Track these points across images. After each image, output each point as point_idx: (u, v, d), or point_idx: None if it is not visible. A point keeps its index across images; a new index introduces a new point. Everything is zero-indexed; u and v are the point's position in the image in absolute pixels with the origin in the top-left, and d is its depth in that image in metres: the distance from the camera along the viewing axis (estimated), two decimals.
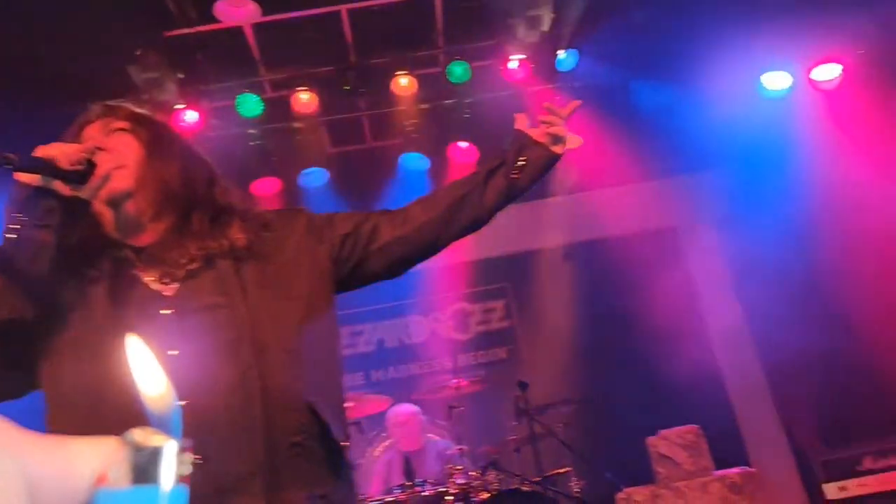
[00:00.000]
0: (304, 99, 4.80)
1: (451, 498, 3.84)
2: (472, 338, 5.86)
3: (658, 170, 5.61)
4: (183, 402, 1.35)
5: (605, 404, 5.16)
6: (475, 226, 1.86)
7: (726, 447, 5.05)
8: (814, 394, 5.36)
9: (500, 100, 5.01)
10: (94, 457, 0.50)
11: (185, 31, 4.37)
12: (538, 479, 4.09)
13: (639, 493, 3.47)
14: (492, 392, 4.73)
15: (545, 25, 4.70)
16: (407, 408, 4.56)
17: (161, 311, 1.41)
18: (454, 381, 4.34)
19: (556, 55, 4.90)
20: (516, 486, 4.03)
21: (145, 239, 1.49)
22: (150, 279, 1.46)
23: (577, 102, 1.96)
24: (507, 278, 5.96)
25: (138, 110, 1.61)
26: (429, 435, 4.63)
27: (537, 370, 5.46)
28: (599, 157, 5.22)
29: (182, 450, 0.50)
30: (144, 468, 0.48)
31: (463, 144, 5.20)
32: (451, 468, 3.93)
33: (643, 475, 3.98)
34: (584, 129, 5.12)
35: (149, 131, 1.56)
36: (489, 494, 3.74)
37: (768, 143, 5.32)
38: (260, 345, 1.40)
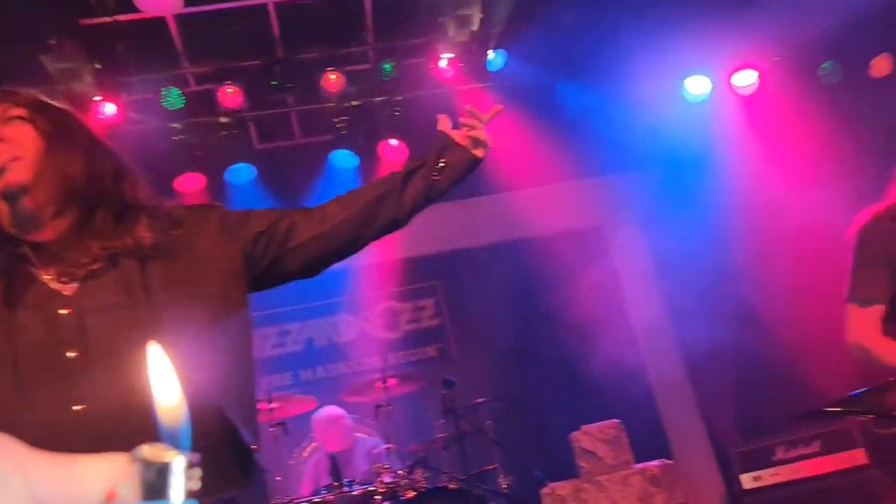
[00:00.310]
0: (230, 93, 4.69)
1: (379, 497, 3.83)
2: (401, 336, 5.85)
3: (584, 170, 5.72)
4: (80, 407, 1.29)
5: (532, 401, 5.24)
6: (393, 226, 1.85)
7: (650, 441, 5.20)
8: (731, 388, 5.57)
9: (431, 98, 5.01)
10: (103, 474, 0.49)
11: (104, 20, 4.21)
12: (465, 476, 4.11)
13: (562, 487, 3.53)
14: (422, 391, 4.73)
15: (474, 25, 4.73)
16: (332, 410, 4.51)
17: (59, 311, 1.35)
18: (383, 380, 4.32)
19: (486, 55, 4.93)
20: (443, 483, 4.04)
21: (45, 235, 1.43)
22: (48, 277, 1.39)
23: (499, 107, 1.97)
24: (437, 276, 5.97)
25: (39, 97, 1.52)
26: (357, 434, 4.60)
27: (467, 368, 5.49)
28: (527, 157, 5.28)
29: (191, 464, 0.49)
30: (153, 484, 0.48)
31: (393, 142, 5.18)
32: (378, 467, 3.92)
33: (568, 470, 4.05)
34: (513, 128, 5.18)
35: (49, 120, 1.48)
36: (416, 493, 3.74)
37: (690, 146, 5.49)
38: (164, 348, 1.36)
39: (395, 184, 1.83)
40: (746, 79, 5.48)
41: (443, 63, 4.93)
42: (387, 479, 3.82)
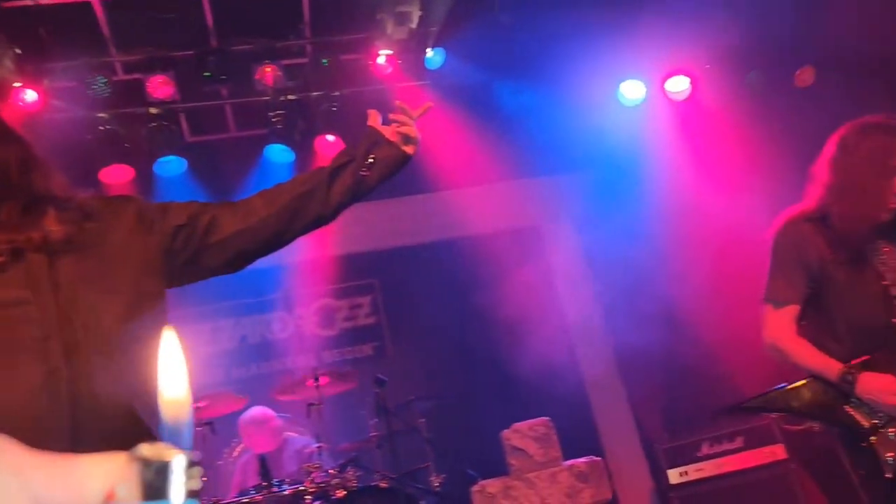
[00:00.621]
0: (160, 83, 4.55)
1: (310, 497, 3.78)
2: (337, 334, 5.79)
3: (521, 170, 5.77)
4: None
5: (467, 399, 5.27)
6: (320, 222, 1.83)
7: (582, 437, 5.29)
8: (659, 386, 5.71)
9: (368, 94, 4.97)
10: (102, 474, 0.48)
11: (26, 2, 4.03)
12: (397, 475, 4.10)
13: (492, 485, 3.55)
14: (356, 389, 4.70)
15: (413, 22, 4.72)
16: (259, 412, 4.43)
17: None
18: (316, 378, 4.27)
19: (425, 53, 4.93)
20: (375, 482, 4.02)
21: None
22: None
23: (429, 104, 1.98)
24: (374, 274, 5.94)
25: None
26: (287, 433, 4.54)
27: (403, 367, 5.49)
28: (465, 156, 5.31)
29: (192, 463, 0.47)
30: (153, 484, 0.46)
31: (330, 138, 5.12)
32: (309, 466, 3.87)
33: (500, 468, 4.09)
34: (451, 127, 5.19)
35: None
36: (347, 492, 3.71)
37: (625, 149, 5.60)
38: (70, 345, 1.30)
39: (323, 179, 1.81)
40: (679, 85, 5.62)
41: (381, 60, 4.90)
42: (317, 479, 3.78)
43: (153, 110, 4.73)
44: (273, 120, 4.97)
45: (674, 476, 4.79)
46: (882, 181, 2.26)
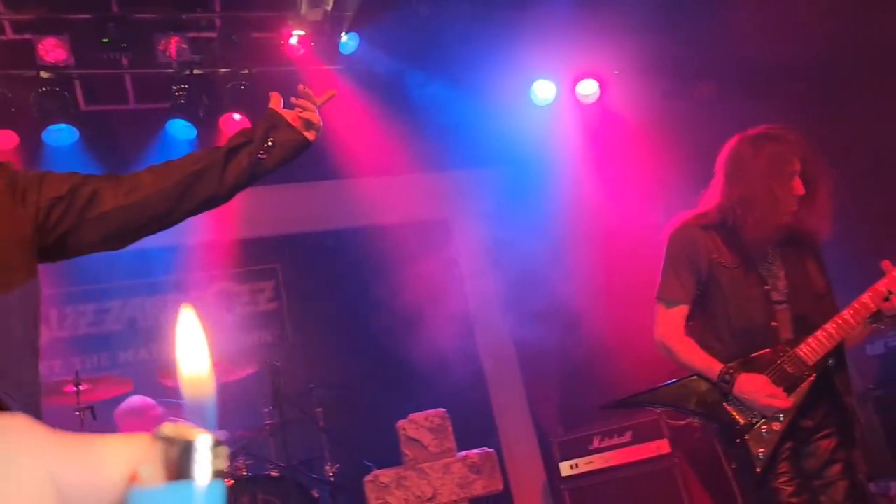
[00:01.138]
0: (53, 46, 4.28)
1: None
2: (237, 319, 5.62)
3: (431, 163, 5.77)
4: None
5: (366, 389, 5.23)
6: (212, 203, 1.76)
7: (479, 429, 5.36)
8: (556, 380, 5.85)
9: (279, 75, 4.84)
10: (125, 455, 0.46)
11: None
12: (291, 464, 4.03)
13: (385, 475, 3.54)
14: (254, 376, 4.58)
15: (328, 4, 4.62)
16: (136, 401, 4.22)
17: None
18: (215, 363, 4.12)
19: (339, 37, 4.84)
20: (267, 471, 3.93)
21: None
22: None
23: (333, 92, 1.95)
24: (277, 259, 5.79)
25: None
26: (172, 419, 4.36)
27: (303, 354, 5.39)
28: (376, 145, 5.25)
29: (217, 443, 0.45)
30: (178, 464, 0.45)
31: (237, 117, 4.96)
32: None
33: (397, 458, 4.08)
34: (363, 114, 5.13)
35: None
36: (236, 480, 3.61)
37: (535, 148, 5.69)
38: None
39: (218, 159, 1.75)
40: (589, 88, 5.76)
41: (293, 40, 4.78)
42: None
43: (44, 74, 4.44)
44: (176, 94, 4.77)
45: (565, 468, 4.92)
46: (782, 186, 2.38)
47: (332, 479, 4.33)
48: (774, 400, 2.26)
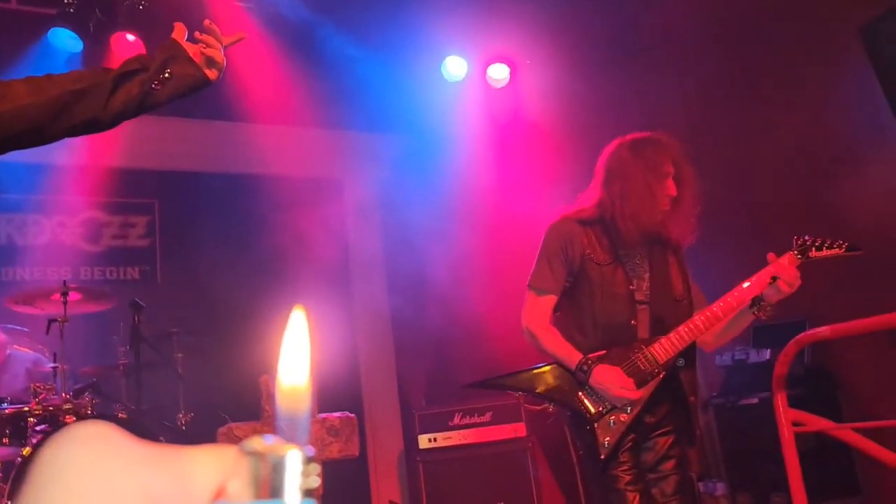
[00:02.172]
0: None
1: (34, 419, 3.45)
2: (102, 251, 5.30)
3: (331, 120, 5.65)
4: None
5: (232, 339, 5.08)
6: (92, 127, 1.65)
7: (344, 394, 5.34)
8: (428, 355, 5.90)
9: (183, 1, 4.56)
10: (213, 468, 0.43)
11: None
12: (141, 407, 3.86)
13: (240, 428, 3.46)
14: (112, 311, 4.34)
15: None
16: None
17: None
18: (65, 293, 3.87)
19: None
20: (115, 412, 3.76)
21: None
22: None
23: (242, 34, 1.88)
24: (155, 195, 5.50)
25: None
26: (14, 348, 4.08)
27: (170, 296, 5.17)
28: (278, 93, 5.07)
29: (308, 459, 0.43)
30: (268, 480, 0.42)
31: (130, 38, 4.64)
32: (38, 386, 3.52)
33: (255, 413, 4.00)
34: (269, 59, 4.93)
35: None
36: (78, 418, 3.42)
37: (440, 122, 5.68)
38: None
39: (105, 81, 1.63)
40: (500, 73, 5.79)
41: None
42: (46, 401, 3.45)
43: None
44: (65, 2, 4.40)
45: (423, 441, 5.00)
46: (657, 187, 2.51)
47: (183, 427, 4.19)
48: (626, 391, 2.38)
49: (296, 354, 0.49)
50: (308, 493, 0.43)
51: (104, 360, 4.31)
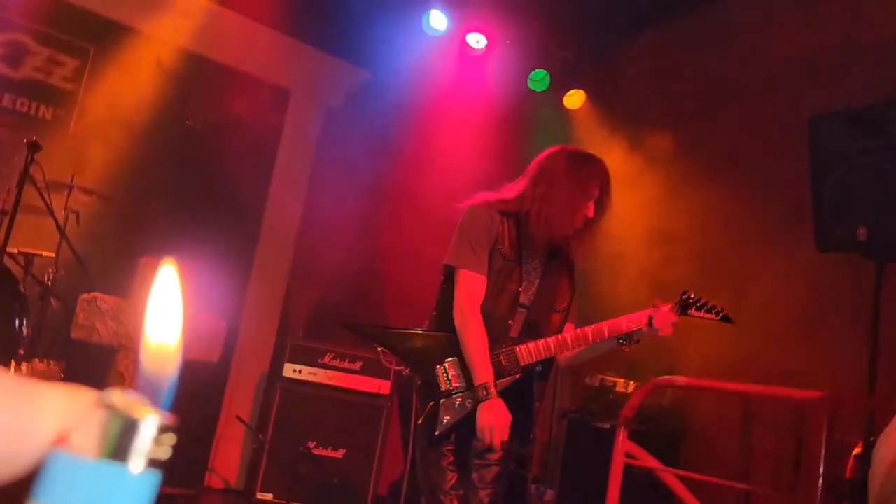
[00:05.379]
0: None
1: None
2: (20, 79, 4.97)
3: (300, 31, 5.48)
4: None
5: (125, 211, 4.90)
6: None
7: (228, 299, 5.24)
8: (321, 283, 5.82)
9: None
10: (61, 412, 0.40)
11: None
12: (8, 249, 3.68)
13: (106, 300, 3.35)
14: (11, 146, 4.10)
15: None
16: None
17: None
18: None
19: None
20: None
21: None
22: None
23: None
24: (94, 41, 5.18)
25: None
26: None
27: (78, 147, 4.92)
28: None
29: (165, 428, 0.40)
30: (115, 440, 0.39)
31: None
32: None
33: (124, 289, 3.88)
34: None
35: None
36: None
37: (405, 68, 5.57)
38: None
39: None
40: (478, 42, 5.71)
41: None
42: None
43: None
44: None
45: (288, 370, 4.99)
46: (579, 203, 2.55)
47: (49, 282, 4.03)
48: (500, 435, 2.39)
49: (166, 312, 0.46)
50: (154, 462, 0.40)
51: None
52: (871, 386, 2.71)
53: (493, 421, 2.39)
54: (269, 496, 4.73)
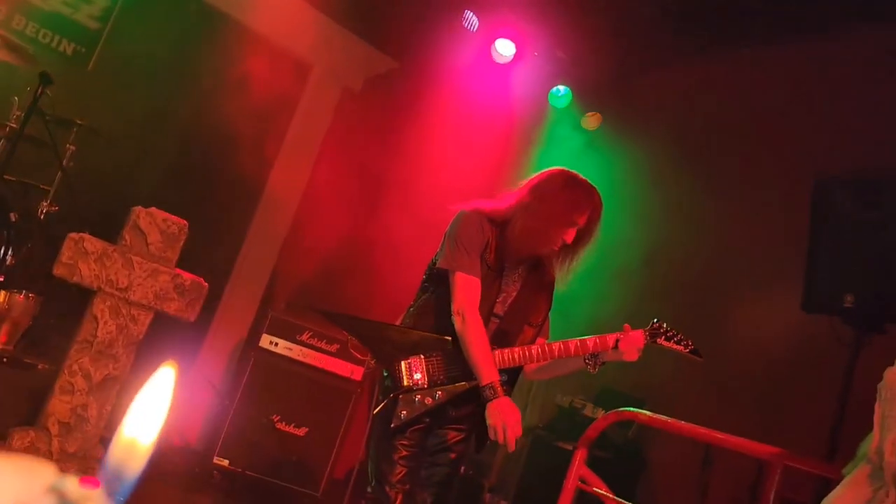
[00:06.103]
0: None
1: None
2: (47, 10, 4.94)
3: (333, 9, 5.48)
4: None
5: (126, 158, 4.90)
6: None
7: (217, 260, 5.27)
8: (314, 259, 5.80)
9: None
10: (15, 489, 0.39)
11: None
12: (5, 176, 3.68)
13: (93, 242, 3.32)
14: (25, 75, 4.09)
15: None
16: None
17: None
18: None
19: None
20: None
21: None
22: None
23: None
24: None
25: None
26: None
27: (93, 90, 4.93)
28: None
29: None
30: None
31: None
32: None
33: (114, 235, 3.87)
34: None
35: None
36: None
37: (435, 67, 5.57)
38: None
39: None
40: (506, 49, 5.68)
41: None
42: None
43: None
44: None
45: (264, 341, 4.97)
46: (560, 228, 2.56)
47: (42, 216, 4.03)
48: (513, 433, 2.40)
49: (150, 410, 0.45)
50: None
51: None
52: (832, 451, 2.72)
53: (505, 419, 2.39)
54: (225, 462, 4.72)
